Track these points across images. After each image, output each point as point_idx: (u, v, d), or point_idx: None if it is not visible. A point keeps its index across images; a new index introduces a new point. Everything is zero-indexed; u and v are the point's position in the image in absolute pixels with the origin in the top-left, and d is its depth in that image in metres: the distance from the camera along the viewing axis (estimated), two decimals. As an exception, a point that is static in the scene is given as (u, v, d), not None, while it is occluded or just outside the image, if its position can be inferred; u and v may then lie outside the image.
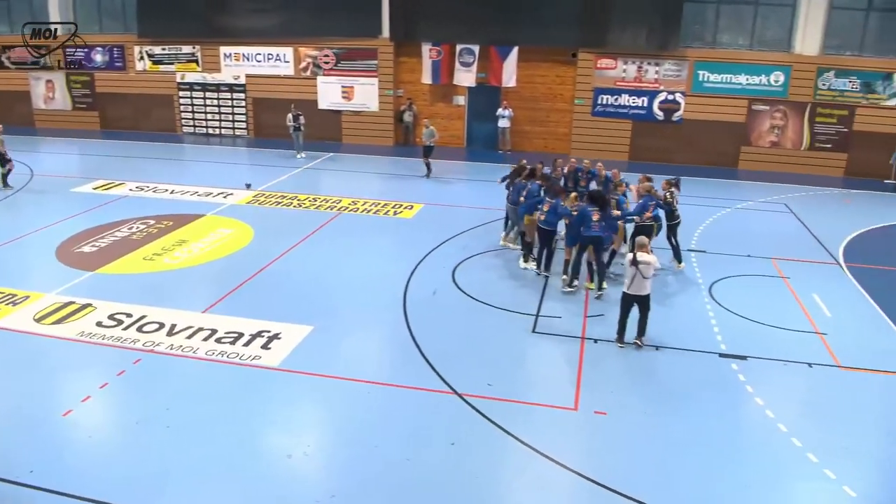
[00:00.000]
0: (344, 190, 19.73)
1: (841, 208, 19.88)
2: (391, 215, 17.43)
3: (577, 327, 11.29)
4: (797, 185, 22.18)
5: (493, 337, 10.87)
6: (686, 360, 10.38)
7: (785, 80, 23.41)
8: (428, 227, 16.35)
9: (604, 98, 24.81)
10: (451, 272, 13.53)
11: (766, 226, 17.65)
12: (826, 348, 10.80)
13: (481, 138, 26.55)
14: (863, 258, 15.23)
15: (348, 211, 17.63)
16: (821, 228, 17.27)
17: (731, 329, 11.36)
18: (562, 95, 25.51)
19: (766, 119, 23.95)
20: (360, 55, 26.16)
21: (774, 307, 12.29)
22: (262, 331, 10.75)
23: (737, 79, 23.67)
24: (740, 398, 9.37)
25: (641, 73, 24.36)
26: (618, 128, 24.92)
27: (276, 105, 26.42)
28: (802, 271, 14.18)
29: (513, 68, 24.91)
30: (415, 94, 26.53)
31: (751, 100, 23.83)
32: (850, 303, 12.75)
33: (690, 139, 24.47)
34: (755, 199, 20.33)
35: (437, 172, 22.01)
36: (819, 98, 23.43)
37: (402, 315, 11.56)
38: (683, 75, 24.02)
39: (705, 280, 13.53)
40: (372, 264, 13.90)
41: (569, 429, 8.62)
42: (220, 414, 8.66)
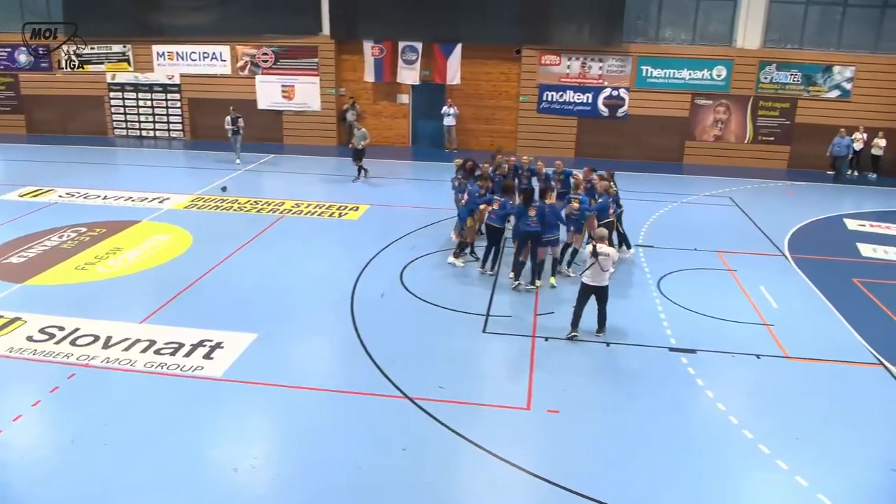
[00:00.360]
0: (286, 192, 19.50)
1: (784, 200, 20.48)
2: (336, 217, 17.29)
3: (527, 326, 11.37)
4: (741, 178, 22.78)
5: (444, 338, 10.86)
6: (636, 355, 10.55)
7: (727, 75, 24.03)
8: (374, 229, 16.28)
9: (549, 95, 25.07)
10: (399, 274, 13.48)
11: (711, 219, 18.07)
12: (774, 339, 11.10)
13: (427, 137, 26.56)
14: (807, 249, 15.73)
15: (291, 214, 17.42)
16: (765, 221, 17.77)
17: (680, 323, 11.59)
18: (507, 93, 25.68)
19: (710, 113, 24.54)
20: (300, 53, 25.88)
21: (722, 300, 12.59)
22: (204, 340, 10.53)
23: (680, 74, 24.19)
24: (691, 392, 9.55)
25: (585, 70, 24.69)
26: (563, 124, 25.21)
27: (213, 106, 25.94)
28: (749, 264, 14.55)
29: (457, 66, 24.97)
30: (357, 93, 26.36)
31: (694, 94, 24.38)
32: (796, 294, 13.14)
33: (635, 135, 24.91)
34: (700, 192, 20.81)
35: (383, 172, 21.92)
36: (761, 91, 24.11)
37: (349, 319, 11.47)
38: (627, 71, 24.44)
39: (653, 275, 13.77)
40: (317, 268, 13.76)
41: (522, 429, 8.67)
42: (162, 429, 8.44)
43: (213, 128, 25.56)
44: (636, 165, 23.68)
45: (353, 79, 26.17)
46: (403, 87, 26.01)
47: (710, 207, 19.31)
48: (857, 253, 15.72)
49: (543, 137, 25.06)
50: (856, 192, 21.98)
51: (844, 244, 16.31)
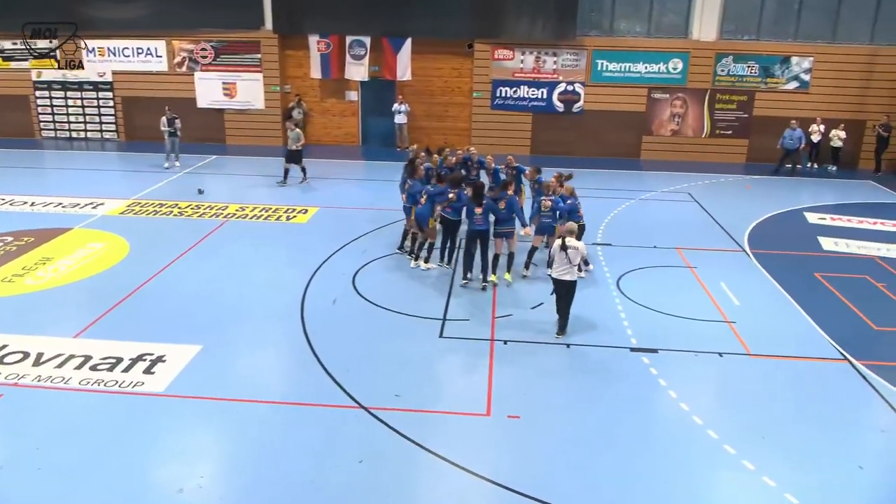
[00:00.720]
0: (230, 195, 19.24)
1: (743, 195, 20.94)
2: (284, 221, 17.11)
3: (485, 329, 11.39)
4: (700, 172, 23.24)
5: (399, 345, 10.83)
6: (597, 356, 10.65)
7: (683, 67, 24.48)
8: (324, 232, 16.16)
9: (503, 90, 25.22)
10: (352, 278, 13.41)
11: (670, 216, 18.38)
12: (736, 337, 11.33)
13: (378, 136, 26.48)
14: (767, 244, 16.09)
15: (236, 218, 17.18)
16: (725, 216, 18.15)
17: (640, 322, 11.75)
18: (459, 88, 25.76)
19: (666, 107, 24.97)
20: (241, 48, 25.55)
21: (683, 298, 12.80)
22: (144, 354, 10.30)
23: (635, 67, 24.56)
24: (654, 392, 9.68)
25: (540, 64, 24.91)
26: (518, 121, 25.39)
27: (149, 104, 25.42)
28: (709, 260, 14.83)
29: (407, 61, 24.95)
30: (304, 90, 26.17)
31: (650, 88, 24.79)
32: (757, 290, 13.43)
33: (592, 130, 25.21)
34: (658, 189, 21.15)
35: (333, 173, 21.76)
36: (718, 84, 24.62)
37: (300, 327, 11.36)
38: (582, 65, 24.72)
39: (612, 274, 13.94)
40: (264, 274, 13.60)
41: (482, 436, 8.67)
42: (100, 450, 8.22)
43: (149, 128, 25.03)
44: (593, 162, 23.97)
45: (299, 75, 25.96)
46: (352, 84, 25.90)
47: (669, 204, 19.64)
48: (819, 247, 16.13)
49: (498, 134, 25.19)
50: (816, 185, 22.58)
51: (805, 238, 16.73)
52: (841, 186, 22.44)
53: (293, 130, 20.58)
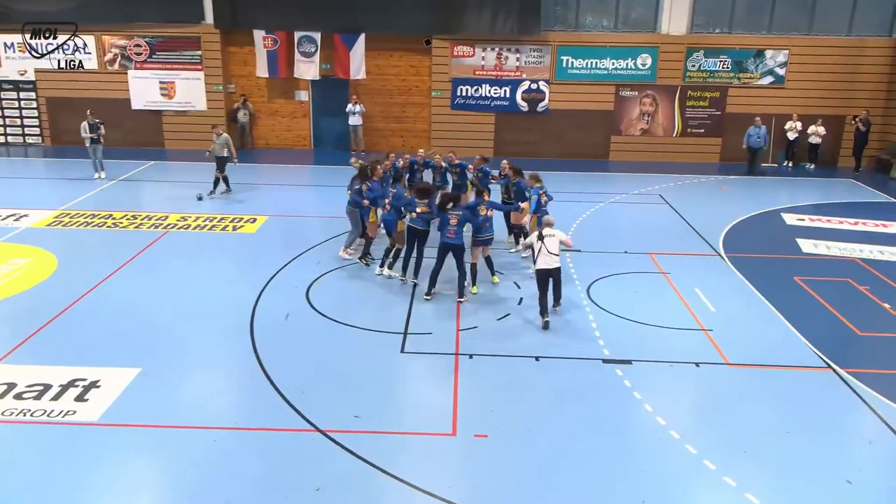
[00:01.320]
0: (170, 204, 19.00)
1: (718, 196, 21.31)
2: (230, 231, 16.93)
3: (449, 343, 11.37)
4: (671, 173, 23.60)
5: (358, 362, 10.75)
6: (567, 368, 10.69)
7: (652, 63, 24.84)
8: (275, 243, 16.07)
9: (463, 89, 25.33)
10: (305, 292, 13.31)
11: (641, 219, 18.61)
12: (713, 345, 11.46)
13: (331, 138, 26.38)
14: (743, 247, 16.37)
15: (177, 229, 16.95)
16: (698, 218, 18.43)
17: (612, 332, 11.84)
18: (417, 87, 25.82)
19: (635, 105, 25.30)
20: (179, 45, 25.27)
21: (656, 305, 12.94)
22: (76, 379, 10.05)
23: (602, 63, 24.87)
24: (628, 406, 9.73)
25: (502, 61, 25.07)
26: (480, 121, 25.53)
27: (77, 105, 24.81)
28: (682, 265, 15.02)
29: (361, 58, 24.92)
30: (249, 90, 25.99)
31: (618, 85, 25.13)
32: (734, 295, 13.62)
33: (557, 130, 25.47)
34: (628, 191, 21.41)
35: (283, 179, 21.61)
36: (689, 80, 25.04)
37: (249, 345, 11.22)
38: (546, 62, 24.94)
39: (582, 281, 14.04)
40: (210, 289, 13.43)
41: (449, 458, 8.63)
42: (28, 486, 7.98)
43: (77, 132, 24.47)
44: (559, 163, 24.16)
45: (244, 74, 25.80)
46: (302, 83, 25.80)
47: (640, 206, 19.88)
48: (798, 249, 16.43)
49: (459, 136, 25.28)
50: (793, 185, 23.07)
51: (783, 240, 17.05)
52: (820, 185, 22.93)
53: (220, 135, 19.89)
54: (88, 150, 21.58)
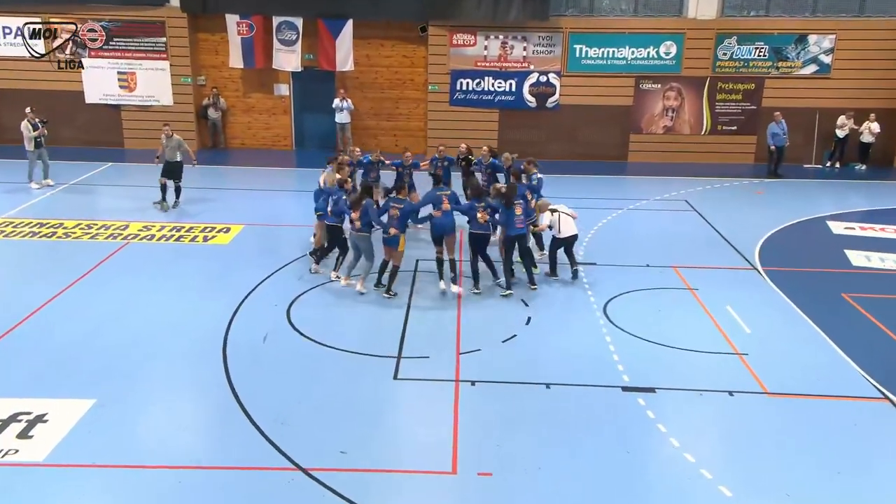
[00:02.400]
0: (131, 212, 19.00)
1: (753, 201, 21.29)
2: (200, 242, 16.91)
3: (448, 368, 11.33)
4: (699, 176, 23.57)
5: (345, 390, 10.71)
6: (582, 397, 10.64)
7: (678, 52, 24.83)
8: (251, 255, 16.06)
9: (463, 83, 25.35)
10: (286, 310, 13.30)
11: (665, 228, 18.60)
12: (749, 372, 11.40)
13: (315, 138, 26.36)
14: (783, 260, 16.34)
15: (139, 239, 16.92)
16: (731, 227, 18.39)
17: (633, 356, 11.79)
18: (412, 81, 25.86)
19: (658, 100, 25.31)
20: (141, 30, 25.25)
21: (683, 326, 12.90)
22: (19, 413, 9.96)
23: (620, 52, 24.88)
24: (651, 440, 9.67)
25: (507, 51, 25.10)
26: (482, 118, 25.53)
27: (20, 98, 24.51)
28: (712, 280, 14.97)
29: (348, 48, 24.93)
30: (222, 83, 26.01)
31: (638, 77, 25.12)
32: (772, 314, 13.57)
33: (569, 129, 25.47)
34: (650, 196, 21.40)
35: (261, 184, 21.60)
36: (720, 71, 25.02)
37: (221, 371, 11.18)
38: (557, 51, 24.96)
39: (598, 298, 14.00)
40: (177, 307, 13.40)
41: (448, 499, 8.58)
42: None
43: (19, 129, 24.48)
44: (571, 166, 24.15)
45: (216, 64, 25.84)
46: (282, 76, 25.82)
47: (663, 214, 19.88)
48: (846, 262, 16.36)
49: (459, 135, 25.07)
50: (841, 189, 23.04)
51: (830, 252, 16.99)
52: (872, 189, 22.90)
53: (171, 137, 19.69)
54: (31, 156, 21.04)
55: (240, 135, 26.50)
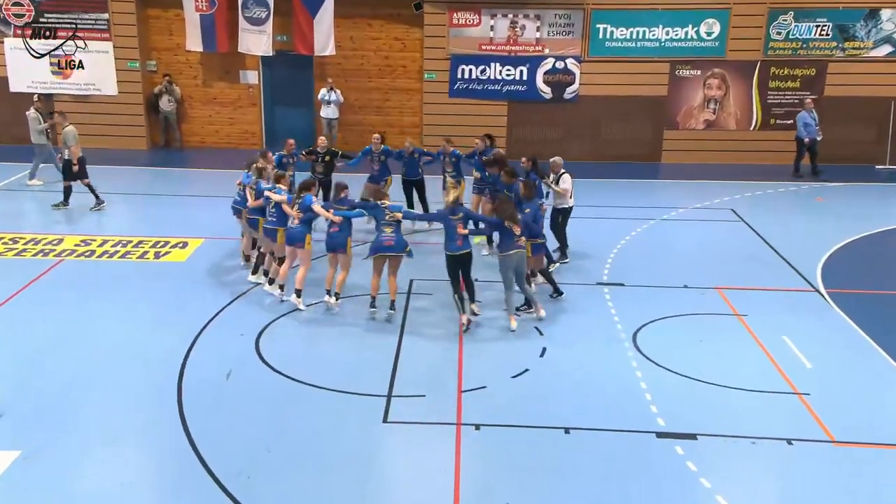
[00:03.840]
0: (66, 223, 19.07)
1: (813, 210, 21.42)
2: (152, 259, 16.93)
3: (448, 409, 11.30)
4: (747, 180, 23.65)
5: (325, 435, 10.69)
6: (607, 444, 10.60)
7: (721, 31, 24.87)
8: (212, 274, 16.09)
9: (465, 70, 25.41)
10: (255, 340, 13.30)
11: (706, 242, 18.67)
12: (810, 415, 11.34)
13: (290, 135, 26.15)
14: (851, 280, 16.36)
15: (76, 256, 16.96)
16: (786, 241, 18.43)
17: (669, 395, 11.74)
18: (405, 68, 25.93)
19: (698, 89, 25.37)
20: (78, 4, 25.34)
21: (729, 359, 12.86)
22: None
23: (653, 33, 24.93)
24: (693, 496, 9.63)
25: (517, 32, 25.15)
26: (488, 112, 25.59)
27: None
28: (765, 304, 14.95)
29: (329, 28, 24.97)
30: (177, 69, 26.08)
31: (674, 62, 25.18)
32: (838, 346, 13.53)
33: (591, 124, 25.56)
34: (688, 204, 21.44)
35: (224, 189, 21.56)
36: (773, 53, 25.10)
37: (175, 415, 11.12)
38: (577, 32, 25.01)
39: (626, 326, 13.98)
40: (122, 338, 13.38)
41: (449, 569, 8.53)
42: None
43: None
44: (594, 168, 24.13)
45: (169, 47, 25.96)
46: (249, 61, 25.90)
47: (704, 225, 19.93)
48: (928, 284, 16.40)
49: (460, 130, 25.11)
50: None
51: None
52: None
53: (66, 126, 19.94)
54: (39, 150, 21.94)
55: (198, 131, 26.52)
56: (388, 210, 13.98)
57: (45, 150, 22.04)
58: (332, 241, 14.18)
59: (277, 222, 14.55)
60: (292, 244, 14.40)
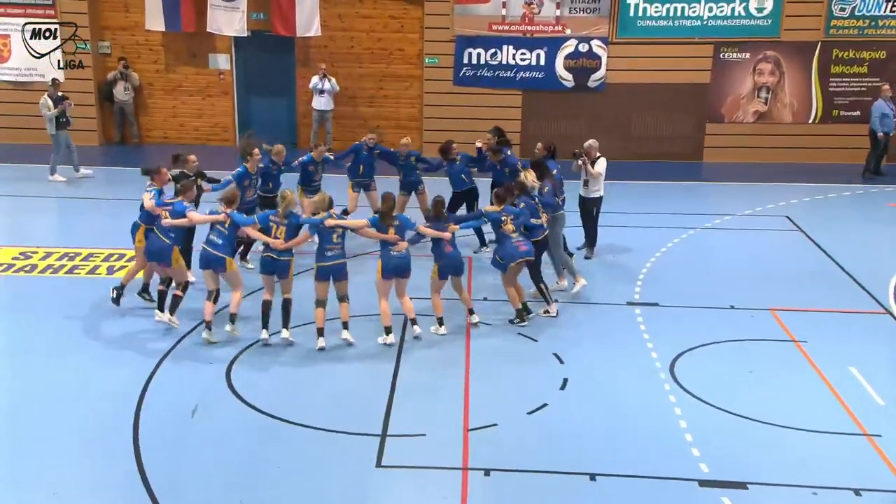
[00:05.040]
0: (3, 233, 19.23)
1: (884, 218, 21.44)
2: (103, 275, 16.98)
3: (453, 451, 11.28)
4: (805, 182, 23.76)
5: (308, 483, 10.67)
6: (640, 494, 10.57)
7: (775, 7, 24.92)
8: (175, 292, 16.01)
9: (473, 54, 25.50)
10: (226, 370, 13.31)
11: (757, 255, 18.71)
12: (882, 460, 11.29)
13: (268, 129, 26.31)
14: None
15: (13, 272, 17.04)
16: (853, 254, 18.43)
17: (714, 436, 11.70)
18: (402, 52, 26.02)
19: (747, 75, 25.44)
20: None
21: (784, 394, 12.82)
22: None
23: (693, 9, 25.00)
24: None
25: (533, 9, 25.19)
26: (499, 103, 25.73)
27: None
28: (828, 329, 14.95)
29: (313, 4, 25.05)
30: (134, 52, 26.20)
31: (718, 44, 25.23)
32: (916, 379, 13.52)
33: (620, 117, 25.67)
34: (735, 210, 21.50)
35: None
36: (836, 33, 25.19)
37: (130, 458, 11.08)
38: (604, 9, 25.07)
39: (662, 353, 13.97)
40: (66, 369, 13.39)
41: None
42: None
43: None
44: (624, 168, 24.05)
45: (126, 26, 26.13)
46: (220, 43, 25.96)
47: (754, 235, 19.97)
48: None
49: (466, 125, 25.21)
50: None
51: None
52: None
53: None
54: (54, 140, 22.47)
55: (160, 125, 26.59)
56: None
57: (59, 140, 22.48)
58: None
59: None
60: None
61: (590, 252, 17.57)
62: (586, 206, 17.21)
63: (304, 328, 14.42)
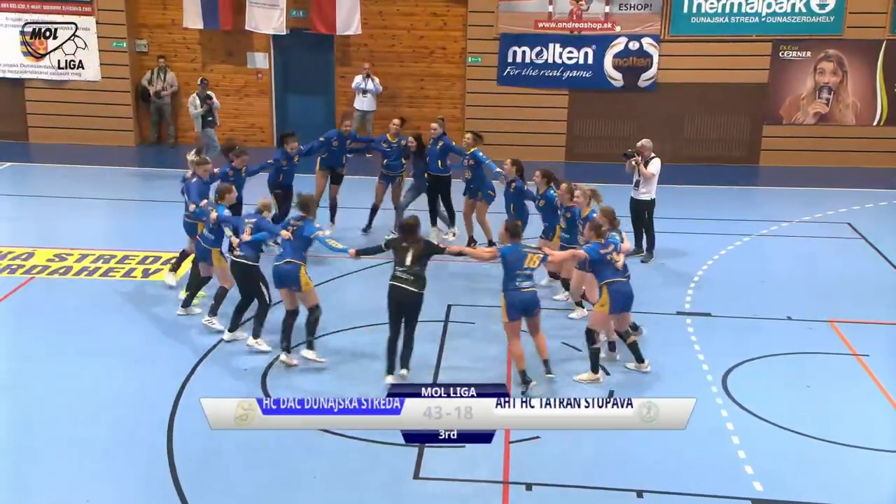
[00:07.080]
0: (38, 234, 19.35)
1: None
2: (139, 278, 17.08)
3: (493, 464, 11.26)
4: (869, 187, 23.55)
5: (342, 496, 10.69)
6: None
7: (838, 4, 24.70)
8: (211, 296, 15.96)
9: (518, 52, 25.45)
10: (261, 377, 13.34)
11: (817, 264, 18.62)
12: (950, 481, 11.24)
13: (307, 129, 26.37)
14: None
15: (48, 274, 17.14)
16: (917, 264, 18.28)
17: (768, 453, 11.63)
18: (444, 50, 26.02)
19: (807, 75, 25.25)
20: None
21: (844, 410, 12.71)
22: None
23: (750, 6, 24.84)
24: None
25: (581, 7, 25.14)
26: (544, 103, 25.71)
27: None
28: (891, 343, 14.92)
29: (354, 2, 25.06)
30: (172, 50, 26.29)
31: (777, 42, 25.06)
32: None
33: (672, 118, 25.54)
34: (793, 217, 21.36)
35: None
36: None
37: (165, 469, 11.14)
38: (656, 5, 24.99)
39: (714, 366, 13.89)
40: (100, 373, 13.46)
41: None
42: None
43: None
44: (675, 171, 23.87)
45: (163, 23, 26.25)
46: (258, 41, 26.04)
47: (814, 242, 19.85)
48: None
49: (510, 126, 25.25)
50: None
51: None
52: None
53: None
54: (205, 137, 23.24)
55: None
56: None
57: (207, 139, 23.11)
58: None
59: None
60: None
61: (647, 257, 17.55)
62: (637, 209, 17.13)
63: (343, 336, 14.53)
